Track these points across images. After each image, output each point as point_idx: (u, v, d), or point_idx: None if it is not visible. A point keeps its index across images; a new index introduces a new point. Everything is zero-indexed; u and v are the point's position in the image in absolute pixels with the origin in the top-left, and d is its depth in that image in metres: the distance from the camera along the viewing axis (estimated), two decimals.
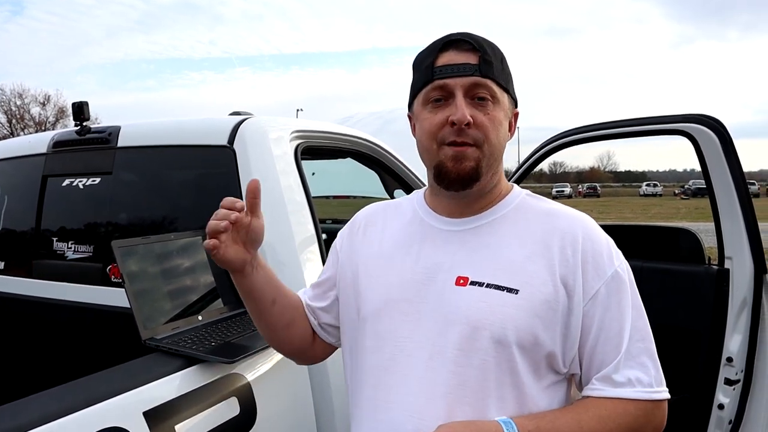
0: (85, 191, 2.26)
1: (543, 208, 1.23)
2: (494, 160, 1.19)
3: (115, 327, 1.90)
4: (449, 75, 1.16)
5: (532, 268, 1.14)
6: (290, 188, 1.98)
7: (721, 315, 2.72)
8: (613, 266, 1.16)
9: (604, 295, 1.14)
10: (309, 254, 1.94)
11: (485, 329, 1.12)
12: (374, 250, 1.32)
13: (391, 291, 1.23)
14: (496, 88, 1.18)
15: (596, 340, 1.14)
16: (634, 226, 3.79)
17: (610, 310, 1.14)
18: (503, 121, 1.20)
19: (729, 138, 2.66)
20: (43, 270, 2.34)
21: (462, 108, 1.14)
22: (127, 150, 2.22)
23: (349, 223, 1.43)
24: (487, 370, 1.12)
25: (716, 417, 2.73)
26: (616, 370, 1.13)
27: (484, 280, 1.15)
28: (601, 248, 1.17)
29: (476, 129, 1.15)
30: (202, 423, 1.35)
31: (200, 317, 1.72)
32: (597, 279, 1.14)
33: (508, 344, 1.11)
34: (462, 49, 1.18)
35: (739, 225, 2.65)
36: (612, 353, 1.13)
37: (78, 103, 2.26)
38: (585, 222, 1.21)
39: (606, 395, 1.13)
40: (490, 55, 1.18)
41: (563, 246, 1.15)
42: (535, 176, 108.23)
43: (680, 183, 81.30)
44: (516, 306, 1.12)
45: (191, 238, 1.84)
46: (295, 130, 2.16)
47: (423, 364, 1.16)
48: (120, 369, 1.36)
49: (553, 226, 1.18)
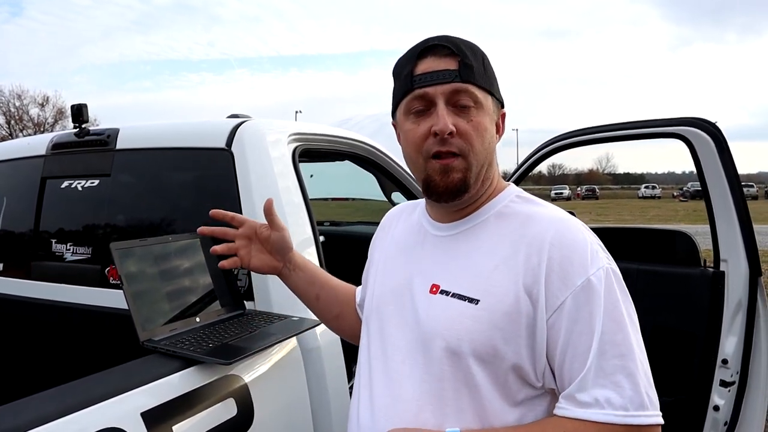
0: (83, 193, 2.27)
1: (525, 212, 1.17)
2: (482, 168, 1.17)
3: (113, 328, 1.90)
4: (429, 83, 1.13)
5: (496, 278, 1.10)
6: (288, 190, 1.99)
7: (716, 317, 2.73)
8: (585, 275, 1.05)
9: (571, 306, 1.05)
10: (306, 256, 1.94)
11: (442, 339, 1.11)
12: (384, 251, 1.38)
13: (384, 294, 1.28)
14: (479, 93, 1.14)
15: (564, 354, 1.06)
16: (630, 229, 3.79)
17: (578, 322, 1.04)
18: (488, 125, 1.17)
19: (724, 141, 2.68)
20: (41, 271, 2.35)
21: (443, 117, 1.11)
22: (126, 152, 2.23)
23: (380, 224, 1.50)
24: (444, 380, 1.11)
25: (711, 419, 2.74)
26: (581, 389, 1.03)
27: (451, 289, 1.14)
28: (571, 255, 1.07)
29: (460, 138, 1.12)
30: (200, 424, 1.35)
31: (198, 319, 1.73)
32: (563, 289, 1.05)
33: (464, 356, 1.09)
34: (440, 55, 1.14)
35: (734, 227, 2.67)
36: (581, 370, 1.04)
37: (77, 106, 2.27)
38: (559, 227, 1.11)
39: (569, 415, 1.04)
40: (470, 59, 1.14)
41: (529, 253, 1.09)
42: (534, 178, 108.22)
43: (679, 185, 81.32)
44: (474, 317, 1.09)
45: (189, 240, 1.85)
46: (292, 132, 2.17)
47: (397, 367, 1.19)
48: (118, 370, 1.36)
49: (525, 232, 1.12)
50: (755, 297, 2.65)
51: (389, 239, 1.38)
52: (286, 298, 1.85)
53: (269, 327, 1.70)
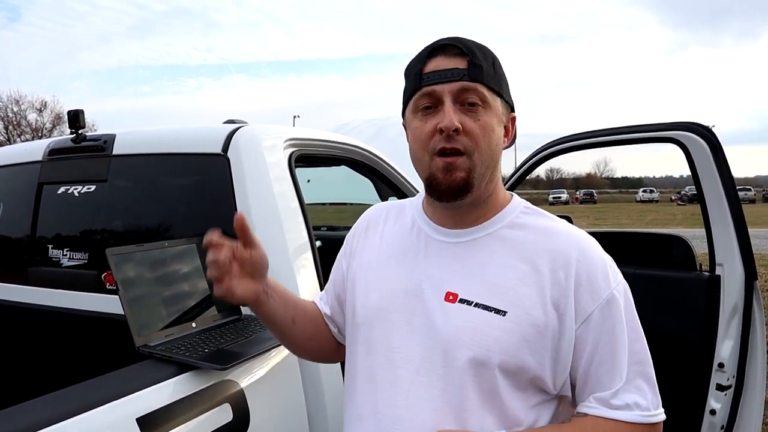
0: (80, 199, 2.27)
1: (540, 225, 1.19)
2: (487, 169, 1.15)
3: (109, 334, 1.91)
4: (437, 81, 1.13)
5: (522, 290, 1.11)
6: (284, 196, 2.00)
7: (712, 321, 2.74)
8: (609, 289, 1.12)
9: (598, 318, 1.11)
10: (303, 261, 1.95)
11: (468, 350, 1.10)
12: (372, 255, 1.31)
13: (384, 300, 1.22)
14: (487, 93, 1.14)
15: (589, 363, 1.12)
16: (626, 233, 3.81)
17: (604, 333, 1.11)
18: (496, 126, 1.16)
19: (718, 145, 2.68)
20: (38, 277, 2.35)
21: (450, 114, 1.11)
22: (123, 158, 2.23)
23: (354, 225, 1.43)
24: (467, 389, 1.11)
25: (708, 422, 2.74)
26: (614, 395, 1.11)
27: (472, 298, 1.13)
28: (596, 270, 1.13)
29: (466, 136, 1.12)
30: (196, 429, 1.35)
31: (194, 324, 1.73)
32: (591, 302, 1.11)
33: (491, 367, 1.10)
34: (450, 54, 1.15)
35: (729, 231, 2.67)
36: (607, 376, 1.11)
37: (74, 111, 2.27)
38: (581, 242, 1.16)
39: (604, 415, 1.11)
40: (479, 59, 1.14)
41: (555, 268, 1.12)
42: (531, 182, 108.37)
43: (677, 189, 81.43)
44: (503, 328, 1.10)
45: (185, 245, 1.85)
46: (288, 138, 2.18)
47: (410, 377, 1.15)
48: (114, 376, 1.37)
49: (548, 246, 1.14)
50: (751, 301, 2.65)
51: (377, 241, 1.33)
52: None
53: (265, 332, 1.70)
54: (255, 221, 1.90)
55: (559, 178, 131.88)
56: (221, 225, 1.97)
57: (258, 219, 1.90)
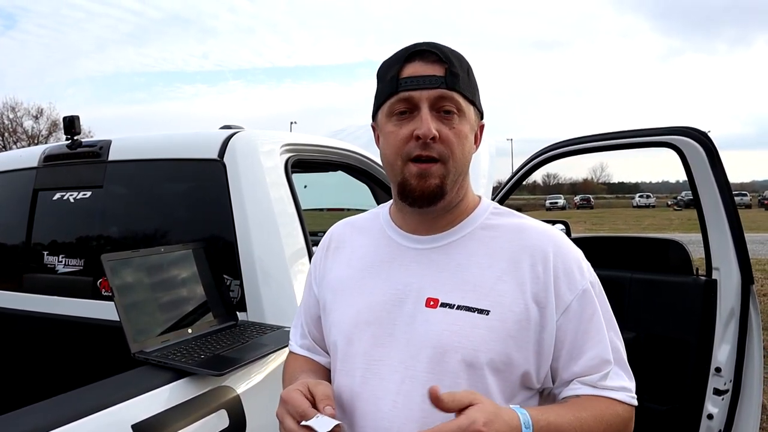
0: (75, 205, 2.27)
1: (512, 224, 1.21)
2: (459, 175, 1.17)
3: (104, 340, 1.90)
4: (414, 87, 1.13)
5: (502, 288, 1.13)
6: (280, 201, 2.00)
7: (709, 325, 2.74)
8: (585, 280, 1.16)
9: (576, 308, 1.14)
10: (299, 266, 1.95)
11: (456, 352, 1.10)
12: (344, 272, 1.28)
13: (361, 314, 1.20)
14: (462, 101, 1.15)
15: (570, 351, 1.14)
16: (624, 238, 3.81)
17: (583, 321, 1.14)
18: (469, 134, 1.17)
19: (715, 150, 2.70)
20: (33, 284, 2.34)
21: (427, 121, 1.11)
22: (118, 164, 2.23)
23: (319, 247, 1.39)
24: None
25: (706, 427, 2.74)
26: (603, 378, 1.14)
27: (454, 301, 1.13)
28: (571, 263, 1.16)
29: (441, 144, 1.12)
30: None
31: (190, 330, 1.72)
32: (569, 293, 1.14)
33: (480, 366, 1.10)
34: (428, 60, 1.14)
35: (725, 236, 2.68)
36: (590, 362, 1.14)
37: (69, 117, 2.26)
38: (555, 237, 1.19)
39: (597, 394, 1.14)
40: (456, 67, 1.15)
41: (534, 263, 1.14)
42: (528, 187, 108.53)
43: (673, 194, 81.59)
44: (488, 327, 1.10)
45: (182, 251, 1.85)
46: (285, 143, 2.18)
47: (396, 387, 1.13)
48: (109, 382, 1.36)
49: (524, 243, 1.17)
50: (747, 305, 2.66)
51: (346, 258, 1.30)
52: (278, 309, 1.85)
53: (262, 338, 1.70)
54: (251, 227, 1.90)
55: (555, 183, 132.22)
56: (217, 230, 1.98)
57: (254, 224, 1.90)
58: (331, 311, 1.27)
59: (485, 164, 3.24)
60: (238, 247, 1.89)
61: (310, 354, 1.37)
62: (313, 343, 1.37)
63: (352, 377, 1.19)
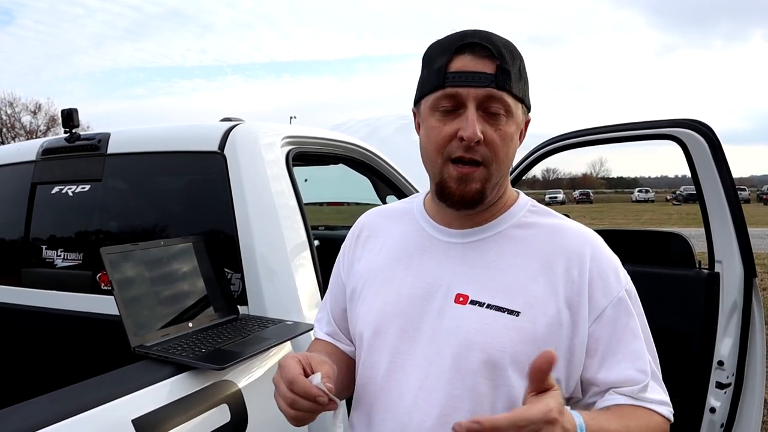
0: (74, 198, 2.25)
1: (549, 224, 1.18)
2: (501, 179, 1.14)
3: (104, 335, 1.88)
4: (462, 84, 1.07)
5: (535, 289, 1.09)
6: (282, 194, 1.98)
7: (711, 319, 2.74)
8: (621, 287, 1.12)
9: (610, 315, 1.10)
10: (301, 260, 1.93)
11: (482, 352, 1.07)
12: (374, 262, 1.26)
13: (390, 306, 1.18)
14: (511, 101, 1.09)
15: (603, 361, 1.10)
16: (626, 231, 3.81)
17: (617, 330, 1.10)
18: (514, 135, 1.12)
19: (718, 143, 2.68)
20: (32, 278, 2.33)
21: (473, 124, 1.06)
22: (117, 157, 2.21)
23: (350, 235, 1.37)
24: (481, 394, 1.08)
25: (708, 421, 2.74)
26: (643, 390, 1.10)
27: (484, 300, 1.10)
28: (608, 269, 1.13)
29: (486, 146, 1.08)
30: (193, 430, 1.33)
31: (191, 324, 1.71)
32: (604, 299, 1.10)
33: (505, 368, 1.07)
34: (479, 55, 1.08)
35: (728, 229, 2.67)
36: (627, 371, 1.10)
37: (67, 110, 2.25)
38: (593, 241, 1.15)
39: (639, 404, 1.10)
40: (508, 63, 1.08)
41: (569, 266, 1.10)
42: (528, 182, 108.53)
43: (672, 189, 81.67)
44: (517, 329, 1.07)
45: (182, 244, 1.84)
46: (286, 135, 2.16)
47: (418, 383, 1.11)
48: (109, 376, 1.35)
49: (559, 244, 1.13)
50: (750, 298, 2.65)
51: (377, 247, 1.28)
52: (280, 303, 1.84)
53: (263, 331, 1.68)
54: (252, 220, 1.88)
55: (555, 178, 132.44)
56: (218, 223, 1.96)
57: (255, 217, 1.88)
58: (359, 301, 1.25)
59: None
60: (238, 240, 1.87)
61: (333, 340, 1.35)
62: (338, 330, 1.35)
63: (376, 369, 1.18)
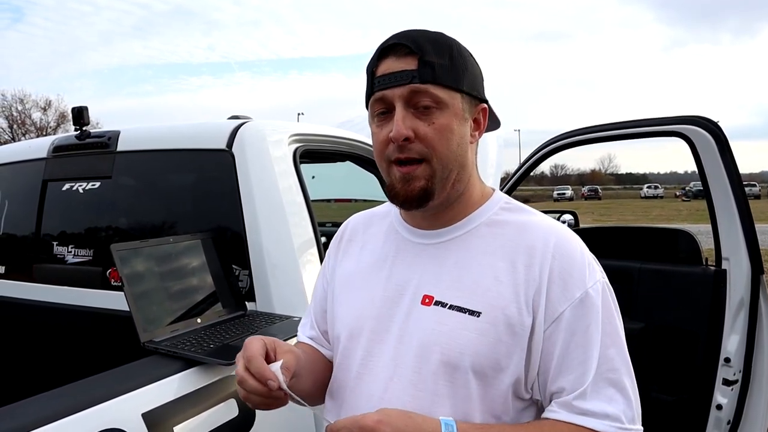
0: (84, 195, 2.28)
1: (518, 221, 1.14)
2: (450, 171, 1.10)
3: (114, 330, 1.91)
4: (387, 85, 1.07)
5: (498, 289, 1.06)
6: (289, 190, 1.99)
7: (718, 316, 2.73)
8: (584, 287, 1.06)
9: (569, 318, 1.04)
10: (308, 256, 1.95)
11: (441, 353, 1.06)
12: (352, 265, 1.27)
13: (364, 308, 1.18)
14: (441, 92, 1.06)
15: (559, 365, 1.05)
16: (633, 228, 3.79)
17: (575, 335, 1.04)
18: (456, 126, 1.09)
19: (725, 139, 2.67)
20: (43, 274, 2.35)
21: (398, 123, 1.05)
22: (127, 154, 2.23)
23: (333, 240, 1.37)
24: (441, 395, 1.06)
25: (714, 417, 2.73)
26: (578, 397, 1.03)
27: (447, 300, 1.09)
28: (571, 267, 1.07)
29: (420, 142, 1.06)
30: (201, 425, 1.35)
31: (199, 320, 1.73)
32: (563, 300, 1.05)
33: (463, 369, 1.05)
34: (400, 55, 1.07)
35: (735, 226, 2.66)
36: (576, 382, 1.03)
37: (78, 108, 2.27)
38: (558, 236, 1.10)
39: (567, 420, 1.03)
40: (431, 55, 1.06)
41: (530, 264, 1.07)
42: (536, 179, 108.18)
43: (681, 185, 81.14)
44: (477, 330, 1.05)
45: (190, 241, 1.85)
46: (293, 133, 2.18)
47: (385, 384, 1.11)
48: (119, 371, 1.37)
49: (523, 241, 1.09)
50: (757, 295, 2.64)
51: (357, 251, 1.28)
52: (287, 299, 1.86)
53: (270, 327, 1.70)
54: (260, 216, 1.90)
55: (563, 174, 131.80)
56: (226, 220, 1.98)
57: (263, 214, 1.90)
58: (337, 305, 1.26)
59: (493, 154, 3.22)
60: (246, 237, 1.89)
61: (315, 344, 1.34)
62: (320, 335, 1.34)
63: (348, 372, 1.18)
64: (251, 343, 1.04)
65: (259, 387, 1.00)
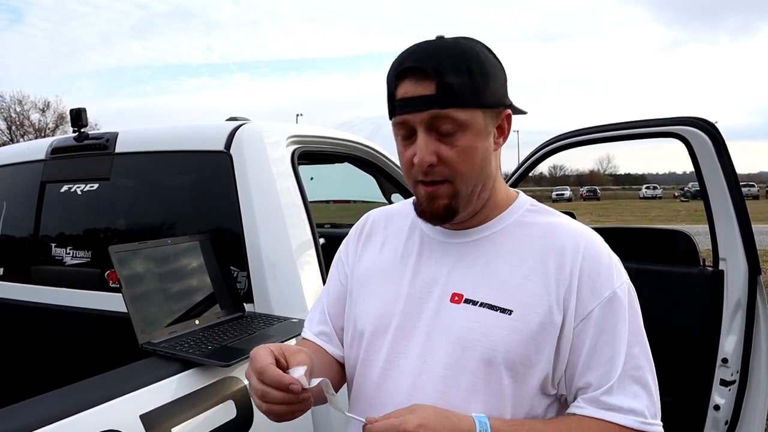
0: (83, 197, 2.28)
1: (545, 222, 1.17)
2: (474, 187, 1.12)
3: (112, 331, 1.91)
4: (407, 111, 1.08)
5: (528, 288, 1.10)
6: (287, 192, 2.00)
7: (716, 316, 2.73)
8: (612, 287, 1.10)
9: (598, 316, 1.08)
10: (306, 257, 1.95)
11: (475, 350, 1.08)
12: (374, 261, 1.27)
13: (388, 305, 1.19)
14: (462, 114, 1.06)
15: (587, 362, 1.09)
16: (630, 229, 3.80)
17: (604, 333, 1.08)
18: (479, 143, 1.10)
19: (722, 140, 2.68)
20: (41, 276, 2.36)
21: (422, 149, 1.07)
22: (125, 156, 2.23)
23: (352, 233, 1.37)
24: (474, 392, 1.08)
25: (712, 418, 2.74)
26: (605, 393, 1.07)
27: (478, 298, 1.11)
28: (600, 267, 1.11)
29: (444, 166, 1.08)
30: (199, 426, 1.35)
31: (197, 321, 1.73)
32: (592, 299, 1.09)
33: (498, 366, 1.08)
34: (418, 78, 1.06)
35: (732, 227, 2.67)
36: (602, 378, 1.07)
37: (76, 110, 2.27)
38: (587, 238, 1.14)
39: (593, 415, 1.07)
40: (449, 76, 1.05)
41: (561, 263, 1.10)
42: (535, 179, 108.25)
43: (680, 185, 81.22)
44: (509, 327, 1.08)
45: (188, 242, 1.86)
46: (291, 135, 2.18)
47: (412, 381, 1.12)
48: (117, 373, 1.37)
49: (553, 242, 1.13)
50: (755, 296, 2.65)
51: (377, 247, 1.29)
52: (285, 300, 1.86)
53: (269, 329, 1.70)
54: (258, 218, 1.90)
55: (562, 175, 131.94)
56: (224, 222, 1.98)
57: (261, 215, 1.90)
58: (358, 300, 1.26)
59: None
60: (244, 239, 1.89)
61: (323, 343, 1.32)
62: (332, 330, 1.32)
63: (374, 368, 1.18)
64: (257, 354, 1.02)
65: (282, 395, 0.98)
